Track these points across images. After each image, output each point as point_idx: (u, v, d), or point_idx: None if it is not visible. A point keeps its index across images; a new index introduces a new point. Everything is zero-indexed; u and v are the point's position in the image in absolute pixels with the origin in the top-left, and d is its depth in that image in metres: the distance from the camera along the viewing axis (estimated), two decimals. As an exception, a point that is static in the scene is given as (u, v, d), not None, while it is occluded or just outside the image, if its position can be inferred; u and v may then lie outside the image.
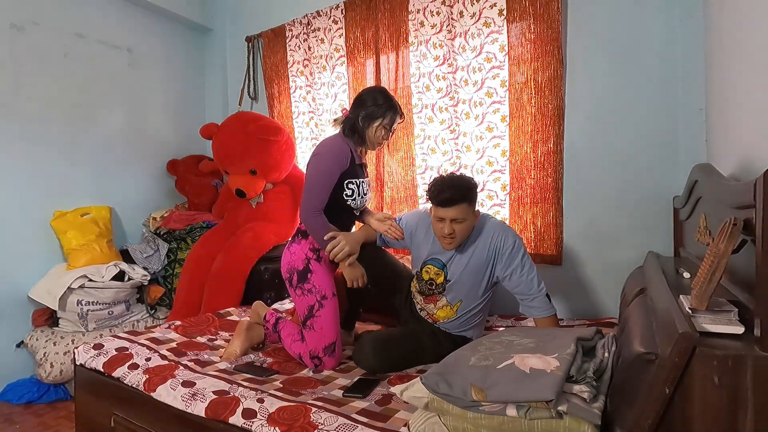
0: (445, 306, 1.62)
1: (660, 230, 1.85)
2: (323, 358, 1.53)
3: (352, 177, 1.60)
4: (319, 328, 1.55)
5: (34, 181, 2.38)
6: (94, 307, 2.31)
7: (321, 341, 1.53)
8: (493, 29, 2.14)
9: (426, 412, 1.02)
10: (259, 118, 2.66)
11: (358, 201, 1.63)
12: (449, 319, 1.62)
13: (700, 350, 0.73)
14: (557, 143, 2.03)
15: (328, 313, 1.57)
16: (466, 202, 1.47)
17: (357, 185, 1.61)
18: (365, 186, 1.66)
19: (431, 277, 1.62)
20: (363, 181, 1.65)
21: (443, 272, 1.60)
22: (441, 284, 1.61)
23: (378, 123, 1.60)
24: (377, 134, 1.61)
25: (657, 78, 1.86)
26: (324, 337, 1.54)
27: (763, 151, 1.01)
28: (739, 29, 1.23)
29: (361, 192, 1.63)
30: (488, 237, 1.55)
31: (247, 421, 1.21)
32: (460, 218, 1.48)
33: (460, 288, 1.58)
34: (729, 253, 0.81)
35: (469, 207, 1.49)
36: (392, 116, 1.62)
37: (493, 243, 1.54)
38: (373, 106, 1.59)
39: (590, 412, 0.87)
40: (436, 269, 1.61)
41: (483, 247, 1.55)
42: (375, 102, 1.60)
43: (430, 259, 1.62)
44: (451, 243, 1.52)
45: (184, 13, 3.06)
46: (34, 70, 2.38)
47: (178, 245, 2.71)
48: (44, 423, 2.05)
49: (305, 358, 1.56)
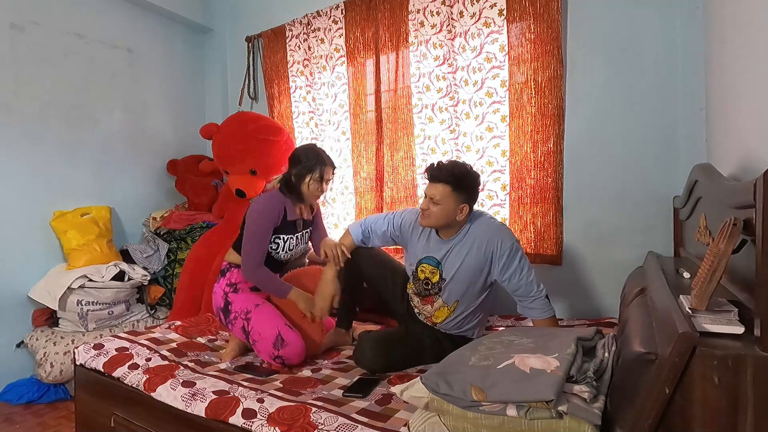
0: (442, 307, 1.60)
1: (660, 230, 1.85)
2: (281, 354, 1.56)
3: (281, 233, 1.71)
4: (259, 337, 1.60)
5: (34, 181, 2.38)
6: (94, 307, 2.31)
7: (268, 344, 1.57)
8: (493, 29, 2.14)
9: (426, 412, 1.02)
10: (259, 118, 2.66)
11: (281, 255, 1.74)
12: (447, 319, 1.61)
13: (700, 350, 0.73)
14: (557, 143, 2.03)
15: (257, 319, 1.63)
16: (449, 185, 1.47)
17: (284, 240, 1.72)
18: (294, 241, 1.76)
19: (426, 276, 1.61)
20: (293, 237, 1.75)
21: (438, 270, 1.58)
22: (436, 284, 1.59)
23: (309, 178, 1.69)
24: (311, 188, 1.70)
25: (657, 78, 1.86)
26: (267, 339, 1.58)
27: (763, 151, 1.01)
28: (740, 29, 1.23)
29: (287, 248, 1.74)
30: (485, 238, 1.52)
31: (247, 421, 1.21)
32: (437, 199, 1.48)
33: (456, 288, 1.56)
34: (729, 253, 0.81)
35: (452, 193, 1.47)
36: (322, 169, 1.70)
37: (489, 245, 1.51)
38: (305, 163, 1.69)
39: (590, 413, 0.87)
40: (431, 267, 1.59)
41: (479, 248, 1.52)
42: (306, 159, 1.70)
43: (425, 258, 1.61)
44: (423, 219, 1.53)
45: (184, 13, 3.06)
46: (34, 70, 2.38)
47: (178, 245, 2.71)
48: (44, 423, 2.05)
49: (273, 364, 1.59)
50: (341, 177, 2.72)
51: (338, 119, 2.71)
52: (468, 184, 1.51)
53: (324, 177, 1.71)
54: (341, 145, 2.70)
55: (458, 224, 1.55)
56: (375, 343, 1.51)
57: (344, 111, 2.67)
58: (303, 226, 1.81)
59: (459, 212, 1.50)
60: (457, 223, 1.54)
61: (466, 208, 1.51)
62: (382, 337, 1.58)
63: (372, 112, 2.55)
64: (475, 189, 1.56)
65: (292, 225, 1.74)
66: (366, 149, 2.57)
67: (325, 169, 1.71)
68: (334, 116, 2.72)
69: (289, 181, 1.71)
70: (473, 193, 1.54)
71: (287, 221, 1.71)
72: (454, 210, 1.49)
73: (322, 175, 1.70)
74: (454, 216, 1.51)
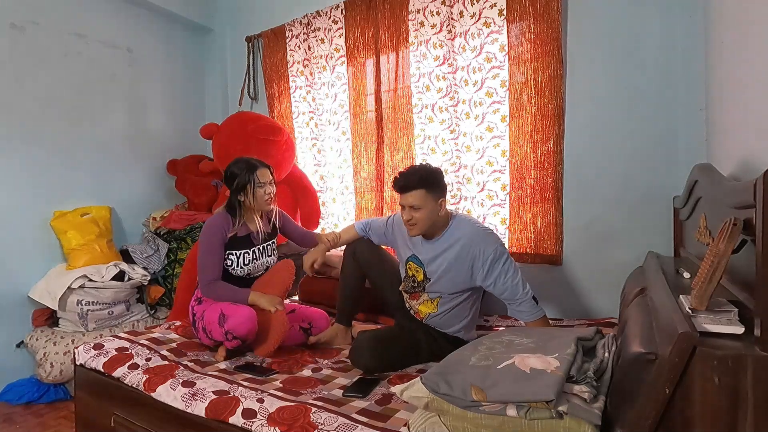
0: (426, 301, 1.67)
1: (660, 230, 1.85)
2: (227, 328, 1.58)
3: (232, 249, 1.76)
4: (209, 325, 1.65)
5: (34, 181, 2.38)
6: (94, 307, 2.31)
7: (215, 327, 1.61)
8: (493, 29, 2.14)
9: (426, 412, 1.02)
10: (259, 118, 2.66)
11: (238, 270, 1.78)
12: (432, 314, 1.65)
13: (700, 350, 0.73)
14: (557, 143, 2.03)
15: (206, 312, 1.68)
16: (422, 188, 1.52)
17: (237, 256, 1.77)
18: (250, 256, 1.80)
19: (413, 274, 1.69)
20: (248, 252, 1.80)
21: (422, 270, 1.65)
22: (422, 282, 1.66)
23: (249, 188, 1.74)
24: (257, 196, 1.75)
25: (657, 78, 1.86)
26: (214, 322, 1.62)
27: (763, 151, 1.01)
28: (739, 29, 1.23)
29: (242, 263, 1.78)
30: (468, 243, 1.56)
31: (247, 421, 1.21)
32: (417, 205, 1.53)
33: (439, 287, 1.63)
34: (729, 253, 0.81)
35: (427, 194, 1.53)
36: (253, 176, 1.74)
37: (472, 250, 1.54)
38: (239, 178, 1.74)
39: (590, 413, 0.87)
40: (416, 266, 1.68)
41: (461, 251, 1.56)
42: (239, 172, 1.75)
43: (411, 256, 1.69)
44: (412, 229, 1.58)
45: (184, 13, 3.06)
46: (34, 70, 2.38)
47: (178, 245, 2.71)
48: (44, 423, 2.05)
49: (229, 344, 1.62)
50: (341, 177, 2.72)
51: (338, 119, 2.71)
52: (436, 179, 1.57)
53: (261, 180, 1.75)
54: (341, 145, 2.70)
55: (440, 223, 1.61)
56: (372, 342, 1.51)
57: (344, 111, 2.67)
58: (263, 239, 1.85)
59: (440, 208, 1.57)
60: (439, 221, 1.60)
61: (443, 202, 1.58)
62: (379, 336, 1.58)
63: (372, 112, 2.55)
64: (443, 180, 1.61)
65: (245, 240, 1.80)
66: (366, 149, 2.57)
67: (258, 172, 1.75)
68: (334, 116, 2.72)
69: (232, 200, 1.78)
70: (442, 185, 1.60)
71: (237, 237, 1.77)
72: (434, 209, 1.56)
73: (259, 180, 1.75)
74: (436, 213, 1.57)
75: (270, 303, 1.66)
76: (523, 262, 2.14)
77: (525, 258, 2.12)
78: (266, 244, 1.87)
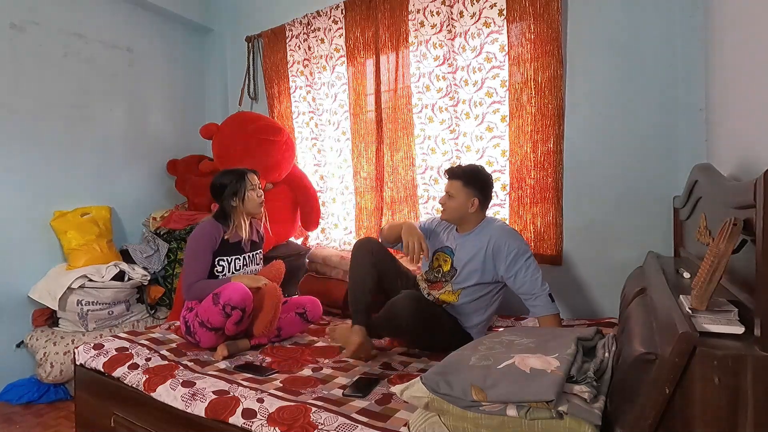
0: (448, 291, 1.72)
1: (660, 230, 1.85)
2: (223, 302, 1.60)
3: (223, 255, 1.82)
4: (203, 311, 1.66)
5: (34, 181, 2.38)
6: (94, 307, 2.31)
7: (210, 308, 1.63)
8: (493, 29, 2.14)
9: (426, 412, 1.02)
10: (259, 118, 2.66)
11: (229, 276, 1.82)
12: (452, 303, 1.70)
13: (700, 350, 0.73)
14: (557, 143, 2.03)
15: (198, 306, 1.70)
16: (461, 180, 1.68)
17: (228, 262, 1.83)
18: (240, 262, 1.87)
19: (440, 264, 1.77)
20: (239, 258, 1.86)
21: (450, 259, 1.73)
22: (447, 272, 1.73)
23: (242, 193, 1.82)
24: (250, 198, 1.84)
25: (657, 78, 1.86)
26: (209, 307, 1.64)
27: (763, 151, 1.01)
28: (740, 29, 1.23)
29: (233, 269, 1.84)
30: (495, 237, 1.64)
31: (247, 421, 1.21)
32: (451, 193, 1.69)
33: (463, 277, 1.68)
34: (729, 253, 0.81)
35: (463, 188, 1.67)
36: (244, 181, 1.83)
37: (498, 243, 1.63)
38: (229, 185, 1.81)
39: (590, 413, 0.87)
40: (444, 256, 1.76)
41: (489, 244, 1.64)
42: (228, 180, 1.82)
43: (442, 247, 1.79)
44: (443, 213, 1.75)
45: (184, 13, 3.06)
46: (33, 69, 2.38)
47: (178, 245, 2.70)
48: (44, 423, 2.05)
49: (230, 323, 1.64)
50: (341, 177, 2.72)
51: (338, 119, 2.71)
52: (477, 179, 1.69)
53: (252, 183, 1.84)
54: (341, 145, 2.70)
55: (472, 220, 1.72)
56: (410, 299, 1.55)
57: (344, 111, 2.67)
58: (251, 247, 1.92)
59: (470, 205, 1.68)
60: (470, 218, 1.71)
61: (476, 202, 1.69)
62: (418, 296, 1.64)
63: (372, 112, 2.55)
64: (485, 185, 1.72)
65: (236, 247, 1.86)
66: (366, 149, 2.57)
67: (249, 176, 1.84)
68: (334, 116, 2.72)
69: (224, 208, 1.83)
70: (483, 188, 1.71)
71: (228, 244, 1.83)
72: (465, 203, 1.68)
73: (250, 184, 1.83)
74: (467, 209, 1.69)
75: (254, 280, 1.73)
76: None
77: (525, 258, 2.13)
78: (254, 252, 1.94)
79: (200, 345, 1.73)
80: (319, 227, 2.76)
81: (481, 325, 1.72)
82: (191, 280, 1.75)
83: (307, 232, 2.85)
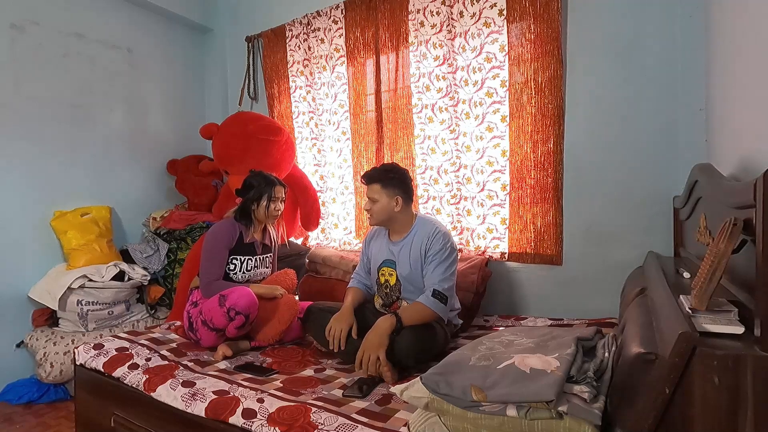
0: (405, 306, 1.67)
1: (660, 230, 1.85)
2: (229, 305, 1.62)
3: (237, 254, 1.85)
4: (208, 312, 1.67)
5: (34, 181, 2.38)
6: (94, 307, 2.31)
7: (216, 310, 1.65)
8: (493, 29, 2.14)
9: (426, 412, 1.02)
10: (259, 118, 2.66)
11: (239, 275, 1.86)
12: None
13: (700, 350, 0.73)
14: (557, 143, 2.03)
15: (204, 305, 1.72)
16: (379, 183, 1.67)
17: (241, 261, 1.86)
18: (252, 263, 1.90)
19: (386, 279, 1.74)
20: (251, 258, 1.90)
21: (394, 270, 1.71)
22: (395, 286, 1.72)
23: (264, 200, 1.86)
24: (270, 208, 1.88)
25: (657, 78, 1.85)
26: (214, 309, 1.66)
27: (763, 151, 1.01)
28: (740, 29, 1.23)
29: (245, 268, 1.88)
30: (424, 235, 1.66)
31: (247, 421, 1.21)
32: (373, 197, 1.68)
33: (411, 285, 1.67)
34: (729, 253, 0.81)
35: (382, 189, 1.66)
36: (271, 190, 1.88)
37: (425, 242, 1.64)
38: (257, 188, 1.87)
39: (590, 413, 0.86)
40: (389, 270, 1.74)
41: (421, 245, 1.65)
42: (258, 184, 1.87)
43: (383, 261, 1.75)
44: (370, 219, 1.73)
45: (184, 13, 3.06)
46: (34, 70, 2.38)
47: (178, 245, 2.71)
48: (44, 423, 2.05)
49: (232, 325, 1.64)
50: (341, 177, 2.72)
51: (338, 119, 2.71)
52: (394, 178, 1.68)
53: (276, 196, 1.88)
54: (341, 145, 2.70)
55: (402, 220, 1.71)
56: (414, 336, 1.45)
57: (344, 111, 2.67)
58: (262, 250, 1.96)
59: (395, 204, 1.67)
60: (399, 218, 1.70)
61: (399, 200, 1.68)
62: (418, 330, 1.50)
63: (372, 112, 2.55)
64: (404, 182, 1.70)
65: (249, 247, 1.90)
66: (366, 149, 2.57)
67: (276, 188, 1.89)
68: (334, 116, 2.72)
69: (245, 208, 1.87)
70: (403, 184, 1.69)
71: (243, 243, 1.87)
72: (389, 203, 1.67)
73: (274, 195, 1.88)
74: (392, 208, 1.68)
75: (271, 290, 1.77)
76: (523, 262, 2.14)
77: (525, 258, 2.13)
78: (264, 255, 1.98)
79: (200, 343, 1.74)
80: (319, 227, 2.76)
81: (456, 309, 1.72)
82: (209, 278, 1.77)
83: (307, 232, 2.85)
